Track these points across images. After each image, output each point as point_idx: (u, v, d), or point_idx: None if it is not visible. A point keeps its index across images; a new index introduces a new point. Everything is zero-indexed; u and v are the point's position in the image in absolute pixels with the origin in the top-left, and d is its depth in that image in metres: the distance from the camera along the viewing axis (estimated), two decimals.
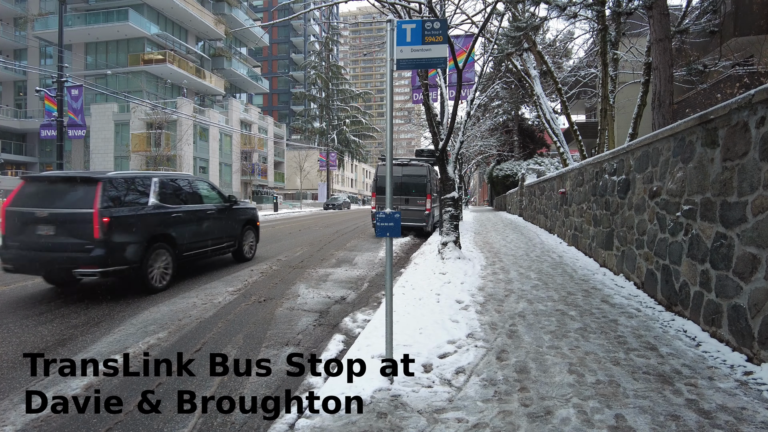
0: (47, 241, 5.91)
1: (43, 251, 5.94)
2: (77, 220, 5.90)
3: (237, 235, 8.90)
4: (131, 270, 6.23)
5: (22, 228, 6.07)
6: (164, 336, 4.64)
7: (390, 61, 3.28)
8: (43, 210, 5.98)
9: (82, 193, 6.05)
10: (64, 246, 5.88)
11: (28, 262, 6.11)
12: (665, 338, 4.02)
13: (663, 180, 5.09)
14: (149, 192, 6.83)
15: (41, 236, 5.94)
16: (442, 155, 8.04)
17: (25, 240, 6.04)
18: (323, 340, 4.61)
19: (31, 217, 6.01)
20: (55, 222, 5.93)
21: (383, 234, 3.27)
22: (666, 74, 8.80)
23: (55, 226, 5.93)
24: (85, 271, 5.85)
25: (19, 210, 6.10)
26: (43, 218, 5.95)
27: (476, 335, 4.19)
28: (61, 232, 5.92)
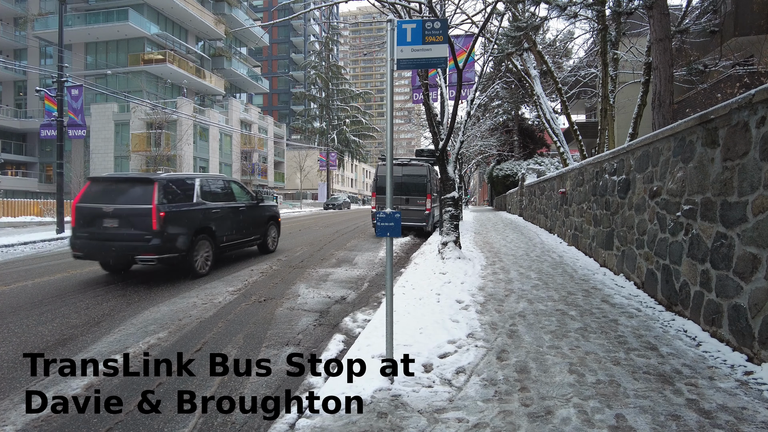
0: (112, 232, 6.93)
1: (109, 241, 6.94)
2: (138, 214, 6.88)
3: (263, 229, 9.95)
4: (181, 257, 7.21)
5: (90, 221, 7.05)
6: (164, 336, 4.64)
7: (390, 61, 3.28)
8: (108, 206, 6.96)
9: (141, 191, 7.04)
10: (127, 236, 6.89)
11: (96, 250, 7.15)
12: (665, 338, 4.02)
13: (663, 180, 5.09)
14: (193, 191, 7.84)
15: (107, 228, 6.95)
16: (443, 155, 8.04)
17: (92, 231, 7.01)
18: (323, 340, 4.60)
19: (98, 212, 7.00)
20: (119, 216, 6.93)
21: (383, 234, 3.27)
22: (666, 74, 8.80)
23: (119, 220, 6.93)
24: (145, 258, 6.89)
25: (87, 206, 7.10)
26: (108, 213, 6.95)
27: (476, 335, 4.19)
28: (124, 224, 6.92)
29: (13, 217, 20.95)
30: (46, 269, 8.34)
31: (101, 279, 7.42)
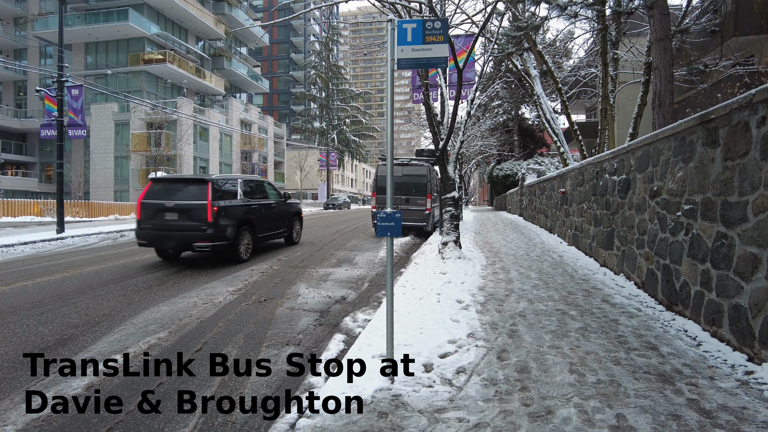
0: (173, 223, 8.24)
1: (170, 231, 8.25)
2: (195, 208, 8.15)
3: (289, 223, 11.41)
4: (228, 245, 8.48)
5: (153, 214, 8.32)
6: (165, 336, 4.64)
7: (390, 61, 3.28)
8: (169, 202, 8.26)
9: (197, 190, 8.30)
10: (186, 227, 8.19)
11: (159, 239, 8.42)
12: (666, 338, 4.01)
13: (663, 180, 5.09)
14: (237, 189, 9.14)
15: (168, 220, 8.25)
16: (443, 155, 8.03)
17: (155, 223, 8.30)
18: (324, 339, 4.60)
19: (160, 207, 8.29)
20: (178, 210, 8.23)
21: (384, 234, 3.27)
22: (666, 74, 8.80)
23: (178, 213, 8.23)
24: (201, 245, 8.14)
25: (150, 202, 8.40)
26: (169, 208, 8.25)
27: (477, 335, 4.19)
28: (183, 217, 8.22)
29: (13, 216, 20.94)
30: (46, 269, 8.34)
31: (101, 279, 7.42)
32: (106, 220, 23.48)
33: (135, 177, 33.64)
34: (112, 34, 35.15)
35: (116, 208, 27.02)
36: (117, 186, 34.32)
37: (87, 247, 11.85)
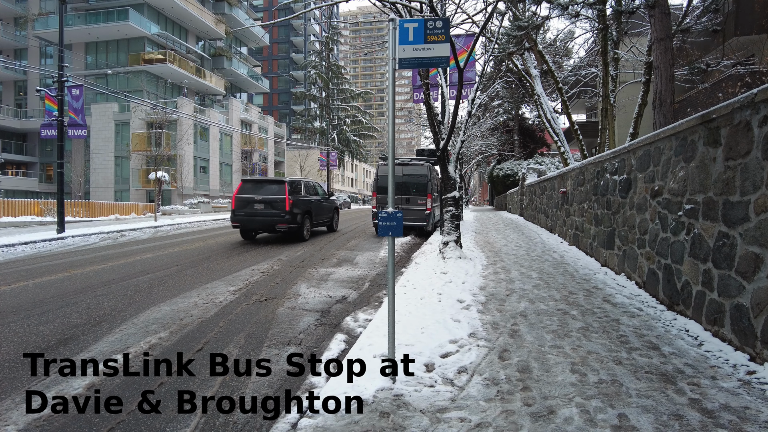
0: (260, 211, 11.66)
1: (257, 217, 11.72)
2: (277, 201, 11.55)
3: (331, 215, 15.11)
4: (297, 228, 11.92)
5: (244, 205, 11.74)
6: (165, 336, 4.64)
7: (392, 60, 3.27)
8: (258, 196, 11.68)
9: (277, 188, 11.80)
10: (270, 214, 11.59)
11: (249, 222, 11.85)
12: (667, 338, 4.01)
13: (665, 179, 5.08)
14: (301, 188, 12.68)
15: (257, 209, 11.68)
16: (443, 155, 8.03)
17: (246, 211, 11.73)
18: (325, 339, 4.60)
19: (250, 200, 11.69)
20: (264, 202, 11.63)
21: (385, 233, 3.27)
22: (667, 73, 8.80)
23: (264, 204, 11.64)
24: (281, 227, 11.57)
25: (242, 196, 11.82)
26: (258, 200, 11.66)
27: (478, 335, 4.18)
28: (267, 207, 11.62)
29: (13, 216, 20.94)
30: (46, 269, 8.34)
31: (102, 279, 7.42)
32: (106, 220, 23.48)
33: (135, 177, 33.65)
34: (112, 33, 35.16)
35: (116, 207, 27.03)
36: (117, 186, 34.33)
37: (87, 247, 11.85)
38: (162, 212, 27.29)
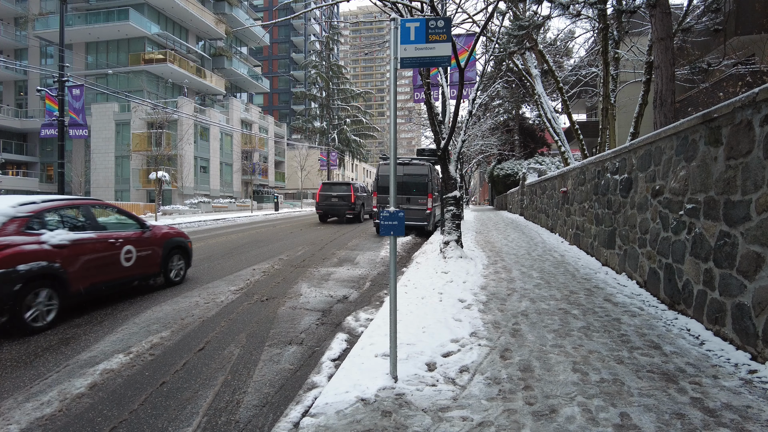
0: (336, 203, 19.11)
1: (333, 207, 19.22)
2: (346, 196, 19.02)
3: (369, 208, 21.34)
4: (357, 213, 19.13)
5: (324, 199, 19.26)
6: (167, 335, 4.64)
7: (394, 60, 3.28)
8: (333, 193, 19.29)
9: (345, 187, 19.41)
10: (341, 205, 19.03)
11: (328, 210, 19.39)
12: (669, 337, 4.01)
13: (666, 179, 5.09)
14: (358, 188, 19.92)
15: (333, 202, 19.13)
16: (444, 154, 8.03)
17: (326, 203, 19.26)
18: (326, 339, 4.60)
19: (328, 195, 19.29)
20: (338, 197, 19.09)
21: (387, 233, 3.27)
22: (668, 73, 8.79)
23: (338, 198, 19.06)
24: (349, 214, 18.93)
25: (323, 193, 19.40)
26: (334, 195, 19.21)
27: (479, 334, 4.19)
28: (340, 200, 19.00)
29: None
30: None
31: None
32: None
33: (135, 177, 33.64)
34: (112, 33, 35.15)
35: None
36: (118, 186, 34.34)
37: None
38: (162, 212, 27.28)
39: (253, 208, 34.55)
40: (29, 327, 4.65)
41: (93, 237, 5.66)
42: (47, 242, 5.02)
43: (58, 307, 5.03)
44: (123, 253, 6.04)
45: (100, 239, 5.76)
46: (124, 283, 6.17)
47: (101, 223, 6.15)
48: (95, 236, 5.70)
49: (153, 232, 6.73)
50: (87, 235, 5.60)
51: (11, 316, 4.50)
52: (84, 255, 5.43)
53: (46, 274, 4.89)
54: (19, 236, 4.80)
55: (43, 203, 5.32)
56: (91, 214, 5.98)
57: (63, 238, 5.22)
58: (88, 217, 5.89)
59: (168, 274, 6.93)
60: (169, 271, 6.94)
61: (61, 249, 5.15)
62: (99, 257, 5.66)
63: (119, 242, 6.02)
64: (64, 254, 5.17)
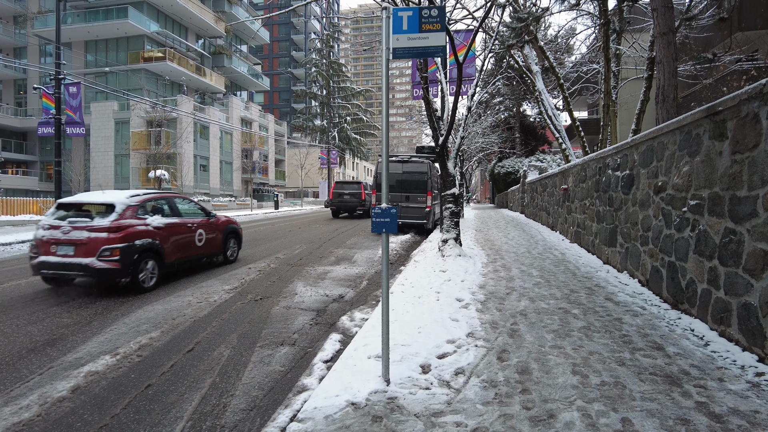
0: (347, 200, 21.27)
1: (345, 203, 21.36)
2: (357, 194, 21.31)
3: None
4: (367, 210, 21.00)
5: (337, 196, 21.41)
6: (157, 335, 4.53)
7: (386, 50, 3.15)
8: (345, 191, 21.50)
9: (356, 186, 21.86)
10: (353, 202, 21.27)
11: (340, 206, 21.39)
12: (672, 337, 3.88)
13: (668, 175, 4.95)
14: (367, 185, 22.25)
15: (345, 198, 21.28)
16: (443, 151, 7.90)
17: (339, 200, 21.39)
18: (320, 339, 4.48)
19: (341, 193, 21.47)
20: (350, 194, 21.33)
21: (379, 230, 3.14)
22: (670, 68, 8.64)
23: (350, 196, 21.31)
24: (359, 210, 21.35)
25: (336, 191, 21.69)
26: (346, 192, 21.41)
27: (476, 334, 4.07)
28: (351, 197, 21.30)
29: (12, 215, 20.85)
30: None
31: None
32: None
33: (135, 175, 33.52)
34: (111, 32, 34.97)
35: None
36: (117, 184, 34.20)
37: None
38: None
39: (252, 206, 34.45)
40: (141, 287, 6.29)
41: (178, 222, 7.29)
42: (150, 224, 6.66)
43: (158, 275, 6.63)
44: (197, 235, 7.67)
45: (182, 224, 7.38)
46: (197, 260, 7.74)
47: (181, 211, 7.63)
48: (179, 221, 7.33)
49: (216, 219, 8.33)
50: (174, 220, 7.23)
51: (131, 278, 6.11)
52: (173, 235, 7.06)
53: (151, 248, 6.52)
54: (135, 219, 6.46)
55: (144, 195, 6.97)
56: (174, 204, 7.55)
57: (160, 222, 6.87)
58: (172, 206, 7.46)
59: (226, 254, 8.55)
60: (226, 251, 8.56)
61: (159, 230, 6.77)
62: (182, 238, 7.29)
63: (194, 226, 7.65)
64: (161, 234, 6.79)
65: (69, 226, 6.09)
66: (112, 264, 5.94)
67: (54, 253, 6.05)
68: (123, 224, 6.20)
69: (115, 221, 6.15)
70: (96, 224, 6.09)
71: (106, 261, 5.92)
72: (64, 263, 5.98)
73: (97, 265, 5.89)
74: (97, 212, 6.43)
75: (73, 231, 6.05)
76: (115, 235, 6.06)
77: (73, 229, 6.06)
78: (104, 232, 6.02)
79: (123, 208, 6.35)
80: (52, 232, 6.13)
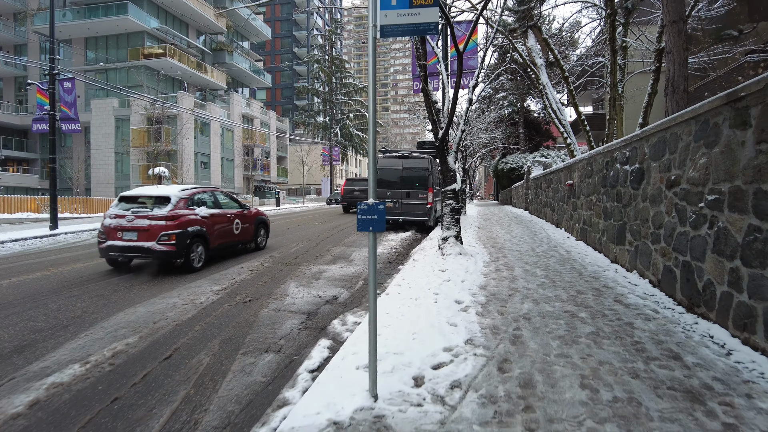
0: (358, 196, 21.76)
1: (356, 199, 21.36)
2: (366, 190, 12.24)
3: None
4: None
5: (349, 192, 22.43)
6: (134, 341, 4.23)
7: (372, 27, 2.83)
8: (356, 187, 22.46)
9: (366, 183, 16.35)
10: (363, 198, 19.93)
11: (352, 202, 21.88)
12: (689, 345, 3.55)
13: (683, 168, 4.61)
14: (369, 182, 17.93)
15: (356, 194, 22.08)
16: (443, 145, 7.56)
17: (350, 196, 22.23)
18: (307, 345, 4.18)
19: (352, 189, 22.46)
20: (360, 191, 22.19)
21: (365, 228, 2.83)
22: (680, 58, 8.26)
23: (360, 192, 22.09)
24: None
25: (347, 187, 22.62)
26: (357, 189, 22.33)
27: (476, 341, 3.75)
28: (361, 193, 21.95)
29: (9, 213, 20.68)
30: (28, 267, 7.97)
31: (82, 278, 7.03)
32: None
33: (136, 173, 33.31)
34: (111, 28, 34.71)
35: None
36: (118, 182, 34.04)
37: (78, 244, 11.50)
38: None
39: (254, 203, 34.18)
40: (193, 267, 7.44)
41: (219, 212, 8.43)
42: (198, 214, 7.80)
43: (204, 258, 7.79)
44: (234, 224, 8.79)
45: (222, 214, 8.50)
46: (233, 246, 8.86)
47: (221, 203, 8.75)
48: (220, 212, 8.45)
49: (249, 211, 9.46)
50: (216, 211, 8.36)
51: (184, 260, 7.26)
52: (216, 224, 8.19)
53: (200, 234, 7.66)
54: (186, 210, 7.60)
55: (192, 189, 8.11)
56: (216, 197, 8.72)
57: (205, 212, 8.00)
58: (214, 199, 8.61)
59: (257, 241, 9.71)
60: (257, 239, 9.70)
61: (205, 219, 7.89)
62: (223, 226, 8.42)
63: (232, 216, 8.77)
64: (207, 222, 7.91)
65: (133, 215, 7.18)
66: (169, 247, 7.03)
67: (120, 238, 7.16)
68: (178, 214, 7.34)
69: (171, 211, 7.26)
70: (155, 213, 7.18)
71: (164, 244, 7.01)
72: (129, 246, 7.09)
73: (158, 248, 6.99)
74: (154, 204, 7.44)
75: (136, 219, 7.15)
76: (172, 223, 7.17)
77: (136, 218, 7.16)
78: (162, 220, 7.11)
79: (177, 200, 7.49)
80: (118, 221, 7.21)
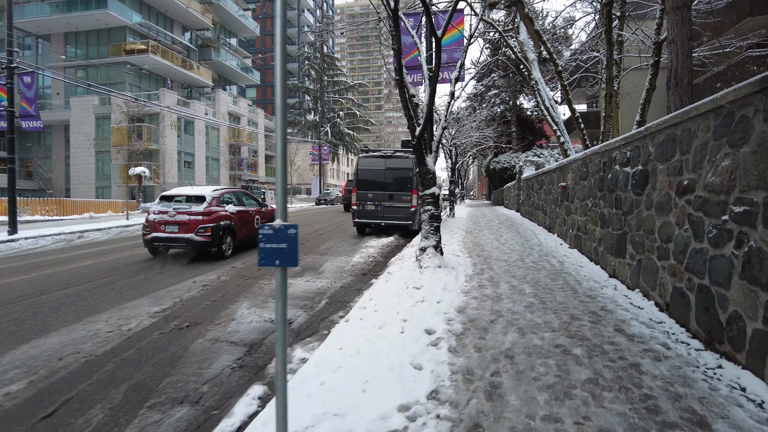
0: None
1: None
2: None
3: None
4: None
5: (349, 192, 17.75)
6: (19, 389, 3.38)
7: None
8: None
9: None
10: None
11: None
12: (717, 403, 2.74)
13: (698, 171, 3.81)
14: None
15: None
16: (420, 143, 6.72)
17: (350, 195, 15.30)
18: (234, 394, 3.34)
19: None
20: None
21: (270, 263, 1.98)
22: (684, 48, 7.48)
23: None
24: None
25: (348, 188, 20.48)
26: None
27: (442, 394, 2.92)
28: None
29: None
30: None
31: (6, 297, 6.14)
32: (78, 219, 22.17)
33: (116, 173, 32.22)
34: (91, 23, 33.54)
35: (92, 205, 25.67)
36: (99, 182, 32.95)
37: (30, 252, 10.58)
38: (143, 209, 25.96)
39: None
40: (224, 255, 8.91)
41: (243, 209, 9.88)
42: (228, 211, 9.21)
43: (233, 247, 9.30)
44: (255, 220, 10.23)
45: (246, 211, 9.97)
46: (254, 238, 9.84)
47: (244, 201, 10.22)
48: (243, 209, 9.91)
49: (267, 209, 11.07)
50: (241, 208, 9.81)
51: (217, 249, 8.70)
52: (241, 219, 9.60)
53: (229, 228, 9.14)
54: (218, 207, 9.05)
55: (222, 189, 9.65)
56: (240, 196, 10.27)
57: (233, 209, 9.44)
58: (239, 198, 10.14)
59: None
60: None
61: (233, 215, 9.31)
62: (246, 221, 9.81)
63: (253, 213, 10.28)
64: (234, 218, 9.33)
65: (174, 211, 8.59)
66: (205, 238, 8.45)
67: (163, 231, 8.58)
68: (212, 210, 8.78)
69: (206, 208, 8.69)
70: (194, 210, 8.60)
71: (201, 236, 8.43)
72: (171, 237, 8.52)
73: (196, 239, 8.41)
74: (191, 202, 8.86)
75: (177, 215, 8.55)
76: (207, 218, 8.59)
77: (177, 213, 8.57)
78: (200, 216, 8.53)
79: (211, 198, 8.94)
80: (161, 216, 8.64)
